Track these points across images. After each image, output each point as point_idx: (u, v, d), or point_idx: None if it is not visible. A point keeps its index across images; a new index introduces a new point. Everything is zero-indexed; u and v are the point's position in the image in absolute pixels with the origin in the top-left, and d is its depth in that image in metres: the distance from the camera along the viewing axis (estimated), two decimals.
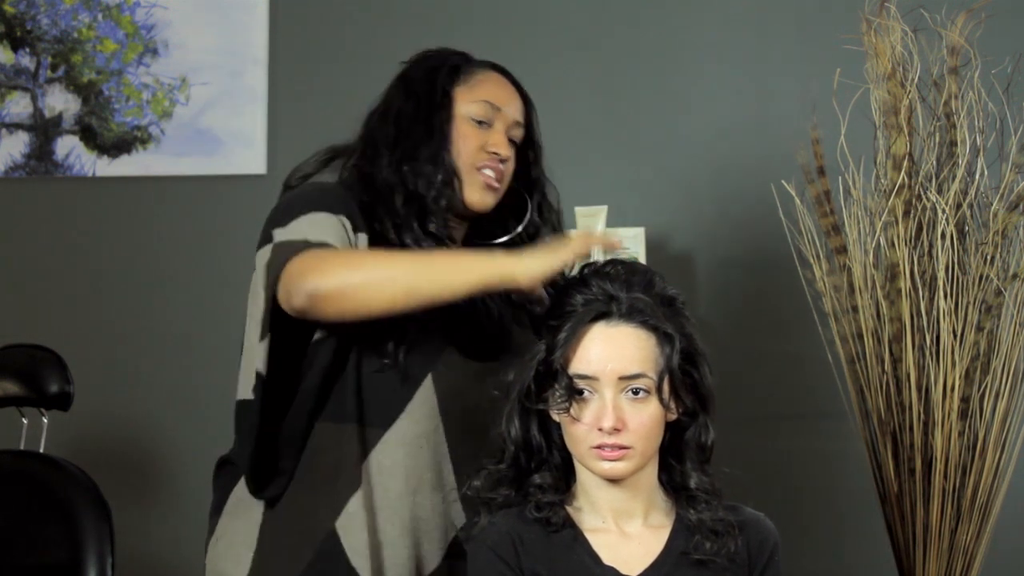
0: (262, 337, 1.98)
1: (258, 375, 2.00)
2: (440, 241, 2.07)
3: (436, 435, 2.03)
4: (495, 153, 2.11)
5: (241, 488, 2.08)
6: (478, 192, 2.11)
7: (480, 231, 2.17)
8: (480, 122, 2.12)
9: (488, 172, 2.11)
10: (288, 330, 2.00)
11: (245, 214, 3.36)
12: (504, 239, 2.17)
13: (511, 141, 2.15)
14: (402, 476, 2.01)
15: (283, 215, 2.04)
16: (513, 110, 2.17)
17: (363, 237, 2.02)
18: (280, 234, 2.01)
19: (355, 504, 2.00)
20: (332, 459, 2.02)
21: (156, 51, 3.40)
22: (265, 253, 2.01)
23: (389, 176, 2.10)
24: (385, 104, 2.18)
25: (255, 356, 2.00)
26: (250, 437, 2.02)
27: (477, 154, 2.11)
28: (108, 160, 3.40)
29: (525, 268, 1.89)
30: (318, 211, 2.02)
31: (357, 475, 2.00)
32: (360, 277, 1.93)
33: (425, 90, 2.15)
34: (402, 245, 2.05)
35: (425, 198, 2.07)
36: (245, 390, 2.04)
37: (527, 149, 2.20)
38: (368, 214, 2.06)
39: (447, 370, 2.04)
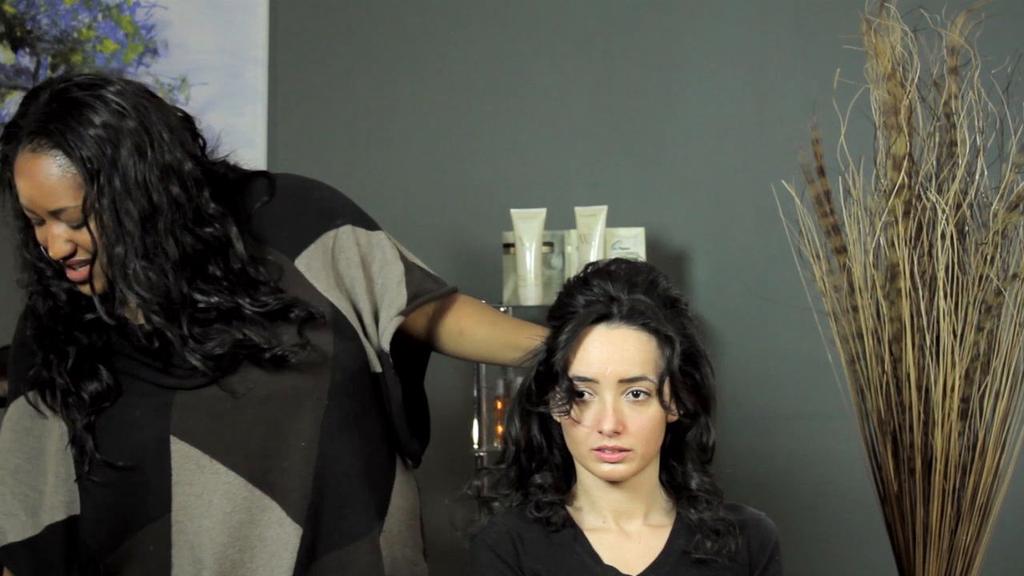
0: None
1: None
2: (82, 345, 1.97)
3: (223, 477, 1.95)
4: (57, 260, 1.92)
5: None
6: (81, 288, 1.95)
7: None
8: (39, 223, 1.91)
9: (69, 274, 1.93)
10: None
11: None
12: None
13: (74, 224, 1.89)
14: (208, 541, 1.94)
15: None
16: (41, 201, 1.88)
17: (30, 396, 1.99)
18: None
19: None
20: (140, 569, 1.97)
21: (156, 51, 3.40)
22: None
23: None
24: None
25: None
26: None
27: (49, 259, 1.94)
28: None
29: None
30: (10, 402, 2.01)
31: (164, 570, 1.95)
32: None
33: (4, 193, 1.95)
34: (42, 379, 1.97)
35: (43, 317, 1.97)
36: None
37: (89, 207, 1.87)
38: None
39: (187, 417, 1.95)
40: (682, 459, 1.87)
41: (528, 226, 3.09)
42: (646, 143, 3.23)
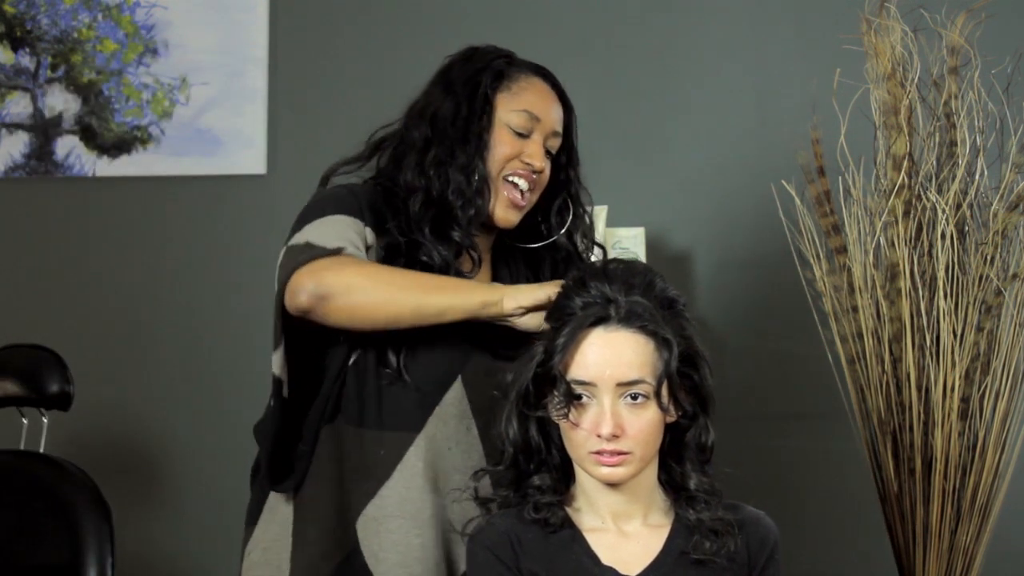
0: (276, 346, 2.01)
1: (274, 378, 2.02)
2: (457, 249, 2.06)
3: (469, 437, 2.04)
4: (529, 164, 2.10)
5: (274, 497, 2.09)
6: (503, 209, 2.10)
7: (511, 234, 2.16)
8: (519, 133, 2.10)
9: (518, 181, 2.10)
10: (305, 337, 2.02)
11: (245, 214, 3.37)
12: (540, 244, 2.18)
13: (547, 151, 2.13)
14: (431, 479, 2.01)
15: (302, 219, 2.06)
16: (553, 119, 2.14)
17: (375, 243, 2.05)
18: (296, 238, 2.03)
19: (376, 508, 2.00)
20: (356, 461, 2.02)
21: (156, 51, 3.40)
22: (280, 256, 2.04)
23: (413, 179, 2.09)
24: (424, 101, 2.16)
25: (273, 361, 2.03)
26: (269, 435, 2.05)
27: (511, 163, 2.10)
28: (108, 160, 3.40)
29: (512, 297, 1.97)
30: (336, 213, 2.04)
31: (378, 479, 2.00)
32: (368, 287, 1.97)
33: (466, 93, 2.12)
34: (410, 249, 2.04)
35: (450, 205, 2.06)
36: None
37: (563, 153, 2.18)
38: (385, 215, 2.07)
39: (477, 371, 2.04)
40: (681, 459, 1.86)
41: None
42: (646, 143, 3.23)
